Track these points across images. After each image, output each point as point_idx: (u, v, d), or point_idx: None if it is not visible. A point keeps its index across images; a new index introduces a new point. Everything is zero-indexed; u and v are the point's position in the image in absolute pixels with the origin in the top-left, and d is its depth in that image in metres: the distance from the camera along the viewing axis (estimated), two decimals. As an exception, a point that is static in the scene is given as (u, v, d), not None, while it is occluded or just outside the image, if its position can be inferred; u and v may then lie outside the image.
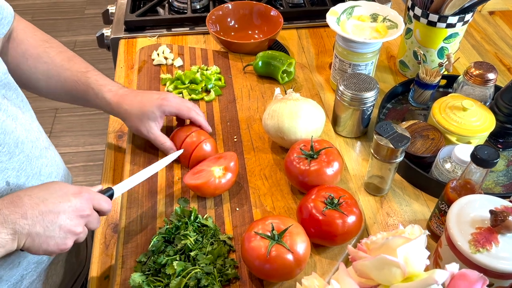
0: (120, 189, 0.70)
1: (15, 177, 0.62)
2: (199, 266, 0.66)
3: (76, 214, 0.59)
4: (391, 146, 0.73)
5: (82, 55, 0.85)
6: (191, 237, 0.69)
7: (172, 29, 1.21)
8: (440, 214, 0.72)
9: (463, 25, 0.96)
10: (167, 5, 1.29)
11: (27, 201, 0.56)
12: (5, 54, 0.77)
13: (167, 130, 0.89)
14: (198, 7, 1.28)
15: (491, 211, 0.59)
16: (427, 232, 0.50)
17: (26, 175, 0.64)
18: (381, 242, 0.49)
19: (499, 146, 0.92)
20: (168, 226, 0.72)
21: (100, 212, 0.64)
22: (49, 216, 0.57)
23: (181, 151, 0.81)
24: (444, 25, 0.95)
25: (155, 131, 0.81)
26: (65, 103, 0.86)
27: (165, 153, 0.83)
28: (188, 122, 0.87)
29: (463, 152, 0.77)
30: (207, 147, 0.81)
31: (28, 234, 0.55)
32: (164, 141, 0.82)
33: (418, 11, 0.96)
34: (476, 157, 0.62)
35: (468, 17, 0.95)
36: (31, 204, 0.56)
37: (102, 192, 0.67)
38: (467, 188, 0.68)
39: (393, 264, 0.47)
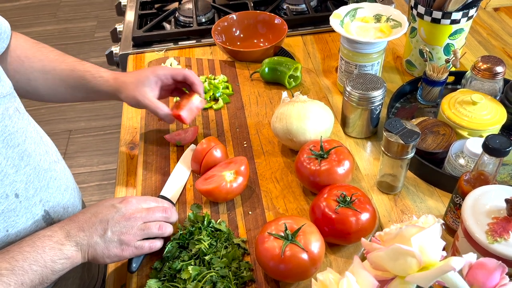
0: (170, 194, 0.79)
1: (24, 190, 0.63)
2: (214, 269, 0.66)
3: (125, 218, 0.65)
4: (401, 142, 0.73)
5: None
6: (205, 241, 0.69)
7: (179, 43, 1.23)
8: (456, 208, 0.71)
9: (467, 20, 0.95)
10: (173, 19, 1.31)
11: (82, 217, 0.64)
12: (2, 62, 0.79)
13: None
14: (203, 20, 1.30)
15: (506, 200, 0.58)
16: (441, 221, 0.49)
17: (34, 188, 0.65)
18: (395, 232, 0.48)
19: (512, 139, 0.91)
20: (182, 232, 0.72)
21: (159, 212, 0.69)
22: (101, 225, 0.63)
23: (190, 148, 0.85)
24: (448, 21, 0.95)
25: (150, 96, 0.82)
26: (78, 125, 0.89)
27: (163, 120, 0.84)
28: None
29: (475, 145, 0.76)
30: (217, 153, 0.81)
31: (89, 245, 0.62)
32: (159, 107, 0.82)
33: (421, 9, 0.97)
34: (488, 147, 0.62)
35: (472, 12, 0.94)
36: (85, 219, 0.64)
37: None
38: (481, 180, 0.67)
39: (408, 254, 0.46)
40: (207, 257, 0.67)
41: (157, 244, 0.68)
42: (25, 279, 0.56)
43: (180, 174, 0.83)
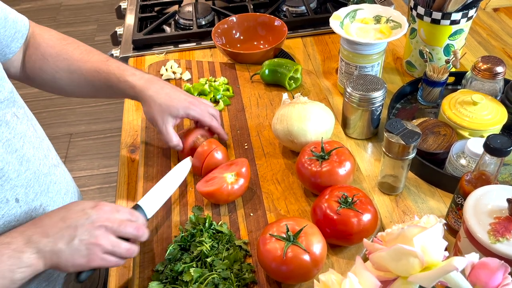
0: (149, 206, 0.71)
1: (24, 194, 0.63)
2: (216, 271, 0.66)
3: (94, 226, 0.59)
4: (402, 142, 0.73)
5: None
6: (206, 243, 0.69)
7: (179, 45, 1.23)
8: (457, 208, 0.71)
9: (467, 21, 0.96)
10: (173, 22, 1.31)
11: (47, 221, 0.59)
12: (28, 61, 0.79)
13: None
14: (203, 22, 1.30)
15: (508, 200, 0.58)
16: (443, 221, 0.49)
17: (34, 192, 0.65)
18: (397, 232, 0.48)
19: (513, 139, 0.91)
20: (183, 234, 0.72)
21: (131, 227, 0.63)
22: (68, 231, 0.58)
23: (188, 160, 0.82)
24: (448, 22, 0.95)
25: (169, 126, 0.81)
26: (79, 129, 0.88)
27: (172, 150, 0.85)
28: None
29: (476, 145, 0.76)
30: (218, 155, 0.81)
31: (52, 251, 0.57)
32: (174, 139, 0.82)
33: (421, 10, 0.97)
34: (489, 147, 0.62)
35: (471, 12, 0.95)
36: (51, 223, 0.58)
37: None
38: (482, 180, 0.67)
39: (410, 254, 0.46)
40: (208, 259, 0.67)
41: (121, 262, 0.62)
42: None
43: (167, 185, 0.76)
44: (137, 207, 0.70)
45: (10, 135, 0.62)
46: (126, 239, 0.63)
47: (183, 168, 0.80)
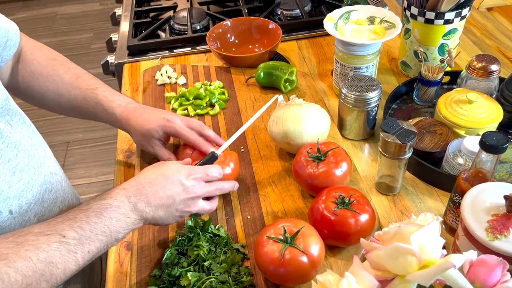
0: (221, 150, 0.78)
1: (17, 206, 0.62)
2: (214, 275, 0.65)
3: (189, 197, 0.67)
4: (398, 142, 0.73)
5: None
6: (204, 247, 0.69)
7: (174, 50, 1.23)
8: (455, 206, 0.71)
9: (460, 20, 0.96)
10: (168, 28, 1.31)
11: (149, 189, 0.64)
12: (16, 75, 0.79)
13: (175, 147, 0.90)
14: (198, 27, 1.31)
15: (505, 197, 0.58)
16: (440, 218, 0.49)
17: (27, 203, 0.63)
18: (394, 231, 0.48)
19: (510, 137, 0.91)
20: (180, 238, 0.71)
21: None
22: (167, 202, 0.65)
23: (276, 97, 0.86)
24: (441, 21, 0.95)
25: (159, 147, 0.82)
26: (76, 137, 0.88)
27: None
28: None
29: (472, 143, 0.76)
30: (228, 170, 0.78)
31: (152, 217, 0.64)
32: (168, 157, 0.82)
33: (414, 10, 0.97)
34: (485, 144, 0.61)
35: (465, 11, 0.95)
36: (152, 192, 0.64)
37: (206, 160, 0.75)
38: (479, 177, 0.67)
39: (407, 252, 0.46)
40: (206, 263, 0.67)
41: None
42: (92, 248, 0.57)
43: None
44: (213, 155, 0.77)
45: (3, 145, 0.61)
46: None
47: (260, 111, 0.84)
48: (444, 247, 0.49)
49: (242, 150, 0.89)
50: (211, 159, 0.76)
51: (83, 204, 0.60)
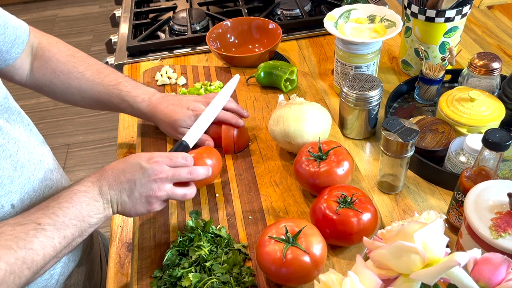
0: (191, 139, 0.79)
1: (19, 200, 0.63)
2: (215, 276, 0.65)
3: (150, 180, 0.65)
4: (400, 140, 0.72)
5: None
6: (205, 247, 0.68)
7: (174, 51, 1.23)
8: (458, 205, 0.70)
9: (461, 18, 0.95)
10: (167, 29, 1.31)
11: (110, 173, 0.65)
12: (37, 72, 0.81)
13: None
14: (198, 28, 1.30)
15: (509, 194, 0.57)
16: (444, 216, 0.48)
17: (29, 197, 0.64)
18: (397, 229, 0.47)
19: (512, 135, 0.90)
20: (181, 239, 0.71)
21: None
22: (128, 185, 0.65)
23: (236, 77, 0.89)
24: (442, 19, 0.95)
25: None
26: (76, 139, 0.90)
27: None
28: None
29: (475, 141, 0.75)
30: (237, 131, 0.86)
31: (117, 202, 0.65)
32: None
33: (415, 8, 0.97)
34: (488, 141, 0.61)
35: (466, 9, 0.94)
36: (113, 176, 0.65)
37: (175, 148, 0.75)
38: (482, 175, 0.66)
39: (411, 250, 0.45)
40: (207, 264, 0.66)
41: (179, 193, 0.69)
42: (67, 233, 0.59)
43: (206, 116, 0.84)
44: (181, 143, 0.77)
45: (4, 141, 0.62)
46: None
47: (226, 89, 0.86)
48: (447, 246, 0.48)
49: (244, 149, 0.88)
50: (179, 147, 0.76)
51: (55, 194, 0.62)
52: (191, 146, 0.80)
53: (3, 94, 0.65)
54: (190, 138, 0.81)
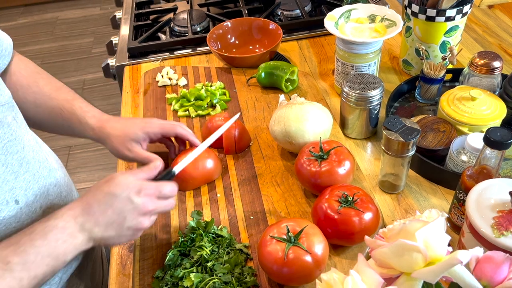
0: (179, 168, 0.73)
1: (24, 196, 0.63)
2: (217, 276, 0.65)
3: (140, 213, 0.63)
4: (402, 139, 0.72)
5: (90, 93, 0.87)
6: (206, 248, 0.68)
7: (175, 52, 1.23)
8: (460, 204, 0.70)
9: (462, 17, 0.95)
10: (168, 30, 1.31)
11: (97, 208, 0.60)
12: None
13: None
14: (198, 29, 1.30)
15: (511, 193, 0.57)
16: (446, 214, 0.48)
17: (34, 194, 0.65)
18: (399, 228, 0.47)
19: (514, 133, 0.90)
20: (183, 239, 0.71)
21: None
22: (118, 220, 0.61)
23: (237, 116, 0.85)
24: (443, 19, 0.95)
25: (137, 149, 0.79)
26: (78, 141, 0.88)
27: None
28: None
29: (476, 140, 0.75)
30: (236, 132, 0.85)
31: (102, 238, 0.61)
32: (147, 155, 0.78)
33: (415, 8, 0.97)
34: (489, 140, 0.61)
35: (466, 8, 0.94)
36: (100, 211, 0.60)
37: (163, 176, 0.69)
38: (484, 174, 0.66)
39: (412, 249, 0.45)
40: (209, 264, 0.66)
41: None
42: (38, 273, 0.55)
43: (198, 150, 0.78)
44: (170, 171, 0.72)
45: (12, 137, 0.63)
46: None
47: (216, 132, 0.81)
48: (449, 245, 0.48)
49: (245, 150, 0.88)
50: (167, 175, 0.70)
51: (27, 228, 0.58)
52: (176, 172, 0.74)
53: (8, 93, 0.65)
54: (179, 167, 0.74)
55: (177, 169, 0.72)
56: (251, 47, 1.19)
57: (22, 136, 0.65)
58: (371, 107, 0.87)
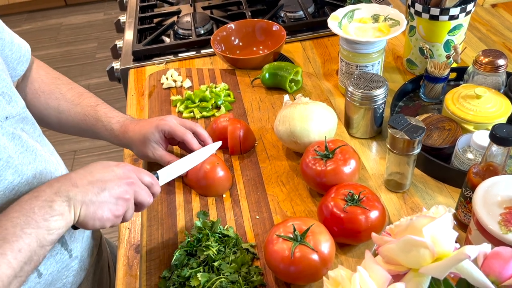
0: (164, 176, 0.74)
1: None
2: (224, 275, 0.65)
3: (122, 181, 0.61)
4: (407, 137, 0.72)
5: (95, 97, 0.87)
6: (213, 247, 0.68)
7: (179, 55, 1.23)
8: (466, 202, 0.70)
9: (465, 15, 0.95)
10: (172, 33, 1.32)
11: (74, 175, 0.59)
12: (19, 91, 0.79)
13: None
14: (202, 32, 1.31)
15: (518, 189, 0.57)
16: (453, 210, 0.48)
17: None
18: (406, 224, 0.47)
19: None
20: (189, 239, 0.71)
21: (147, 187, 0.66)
22: (98, 184, 0.59)
23: (219, 143, 0.84)
24: (446, 17, 0.95)
25: (159, 151, 0.81)
26: (83, 145, 0.88)
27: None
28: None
29: (482, 137, 0.75)
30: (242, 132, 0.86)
31: (82, 201, 0.57)
32: (171, 159, 0.81)
33: (419, 7, 0.97)
34: (496, 136, 0.61)
35: (470, 7, 0.94)
36: (79, 177, 0.59)
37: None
38: (490, 171, 0.66)
39: (420, 245, 0.45)
40: (216, 263, 0.66)
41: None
42: (21, 245, 0.52)
43: (187, 161, 0.79)
44: (154, 174, 0.72)
45: (23, 149, 0.63)
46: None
47: (209, 148, 0.82)
48: (456, 242, 0.48)
49: (250, 150, 0.89)
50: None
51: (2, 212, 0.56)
52: (160, 183, 0.73)
53: (22, 104, 0.65)
54: (164, 173, 0.76)
55: (161, 173, 0.74)
56: (254, 49, 1.19)
57: (34, 146, 0.65)
58: (376, 106, 0.87)
